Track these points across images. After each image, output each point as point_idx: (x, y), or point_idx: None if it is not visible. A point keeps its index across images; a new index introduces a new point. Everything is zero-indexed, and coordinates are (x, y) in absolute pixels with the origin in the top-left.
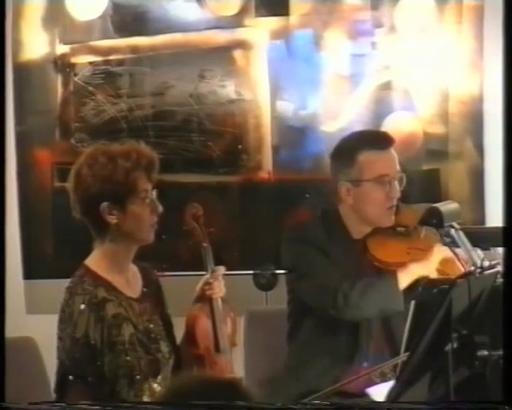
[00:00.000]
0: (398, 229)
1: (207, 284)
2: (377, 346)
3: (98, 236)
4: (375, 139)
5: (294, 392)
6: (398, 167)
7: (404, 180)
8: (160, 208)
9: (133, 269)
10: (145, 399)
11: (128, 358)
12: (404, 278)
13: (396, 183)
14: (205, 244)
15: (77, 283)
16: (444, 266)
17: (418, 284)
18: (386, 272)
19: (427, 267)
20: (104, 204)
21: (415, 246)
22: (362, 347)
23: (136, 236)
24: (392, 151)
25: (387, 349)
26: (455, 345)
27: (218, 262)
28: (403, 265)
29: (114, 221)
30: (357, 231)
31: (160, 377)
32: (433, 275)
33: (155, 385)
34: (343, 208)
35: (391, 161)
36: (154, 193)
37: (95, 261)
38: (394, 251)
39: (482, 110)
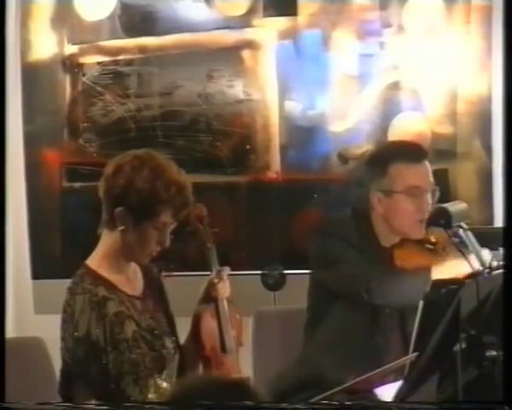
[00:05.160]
0: (427, 246)
1: (212, 284)
2: (394, 346)
3: (107, 226)
4: (408, 151)
5: (307, 385)
6: (431, 180)
7: (438, 194)
8: (167, 244)
9: (134, 267)
10: (150, 395)
11: (132, 355)
12: (439, 275)
13: (428, 196)
14: (209, 245)
15: (77, 282)
16: None
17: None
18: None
19: (460, 270)
20: (121, 209)
21: (440, 265)
22: (378, 347)
23: (133, 252)
24: (426, 164)
25: (403, 350)
26: (463, 345)
27: (225, 262)
28: None
29: (121, 228)
30: (386, 238)
31: (165, 373)
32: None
33: (160, 381)
34: (374, 216)
35: (424, 174)
36: (171, 227)
37: (95, 261)
38: (419, 266)
39: (490, 110)
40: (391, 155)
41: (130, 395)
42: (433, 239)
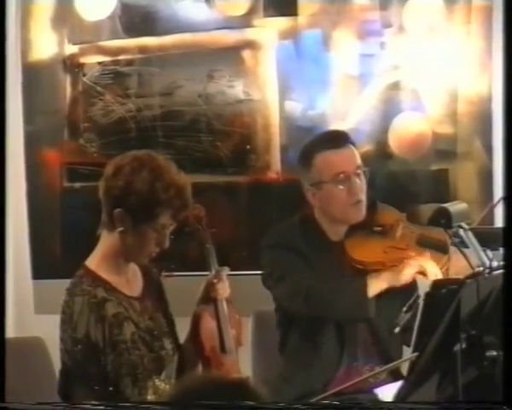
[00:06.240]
0: (375, 229)
1: (211, 284)
2: (364, 346)
3: (106, 227)
4: (328, 139)
5: (290, 397)
6: (357, 163)
7: (368, 175)
8: (166, 245)
9: (133, 268)
10: (149, 397)
11: (131, 356)
12: (375, 285)
13: (356, 179)
14: (208, 245)
15: (76, 283)
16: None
17: (388, 293)
18: (358, 277)
19: (399, 277)
20: (120, 210)
21: (391, 245)
22: (349, 348)
23: (133, 254)
24: (351, 148)
25: (375, 349)
26: (464, 345)
27: (226, 262)
28: (380, 264)
29: (120, 229)
30: (333, 232)
31: (164, 374)
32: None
33: (159, 382)
34: (316, 213)
35: (347, 158)
36: (171, 228)
37: (94, 262)
38: (371, 251)
39: (491, 110)
40: (313, 146)
41: (129, 396)
42: (380, 221)
